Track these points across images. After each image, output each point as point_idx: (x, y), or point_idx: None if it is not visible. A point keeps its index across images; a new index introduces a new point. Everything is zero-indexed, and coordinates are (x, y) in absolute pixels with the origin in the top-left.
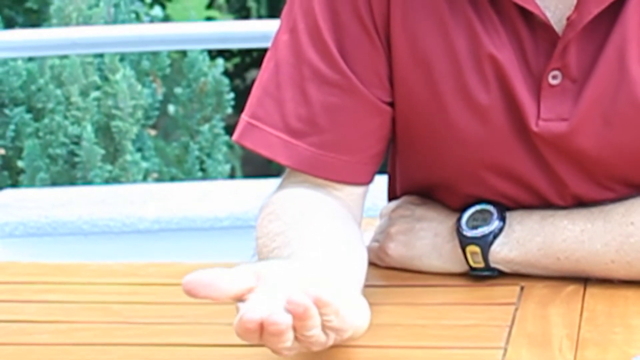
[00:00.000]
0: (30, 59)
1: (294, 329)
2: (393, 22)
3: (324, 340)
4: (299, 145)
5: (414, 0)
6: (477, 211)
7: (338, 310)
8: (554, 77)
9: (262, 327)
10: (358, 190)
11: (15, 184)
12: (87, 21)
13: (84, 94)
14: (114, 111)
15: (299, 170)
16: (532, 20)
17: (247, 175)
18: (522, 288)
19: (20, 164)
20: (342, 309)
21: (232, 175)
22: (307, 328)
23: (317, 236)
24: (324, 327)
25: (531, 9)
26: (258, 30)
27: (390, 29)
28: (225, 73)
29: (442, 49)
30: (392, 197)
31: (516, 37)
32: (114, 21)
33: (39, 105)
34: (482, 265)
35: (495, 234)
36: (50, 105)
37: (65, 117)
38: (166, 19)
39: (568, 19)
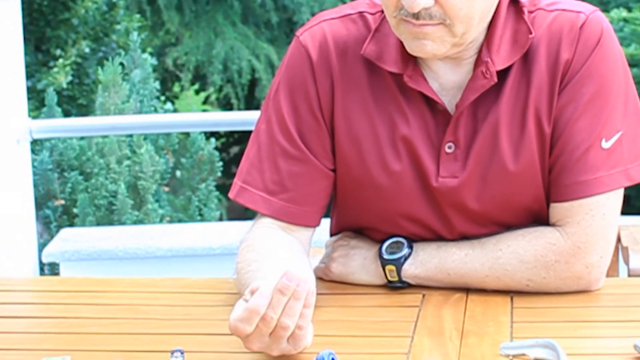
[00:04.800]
0: (82, 138)
1: (282, 310)
2: (335, 113)
3: (285, 346)
4: (273, 200)
5: (349, 97)
6: (393, 242)
7: (310, 315)
8: (449, 147)
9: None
10: (309, 232)
11: (71, 225)
12: (121, 112)
13: (119, 162)
14: (139, 174)
15: (272, 217)
16: (433, 106)
17: (231, 219)
18: (424, 295)
19: (75, 210)
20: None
21: (220, 219)
22: (294, 310)
23: (280, 265)
24: (292, 335)
25: (432, 97)
26: (238, 119)
27: (334, 118)
28: (216, 148)
29: (368, 131)
30: (333, 233)
31: (422, 118)
32: (140, 112)
33: (88, 170)
34: (396, 279)
35: (406, 258)
36: (95, 170)
37: (106, 178)
38: (175, 110)
39: (456, 104)
